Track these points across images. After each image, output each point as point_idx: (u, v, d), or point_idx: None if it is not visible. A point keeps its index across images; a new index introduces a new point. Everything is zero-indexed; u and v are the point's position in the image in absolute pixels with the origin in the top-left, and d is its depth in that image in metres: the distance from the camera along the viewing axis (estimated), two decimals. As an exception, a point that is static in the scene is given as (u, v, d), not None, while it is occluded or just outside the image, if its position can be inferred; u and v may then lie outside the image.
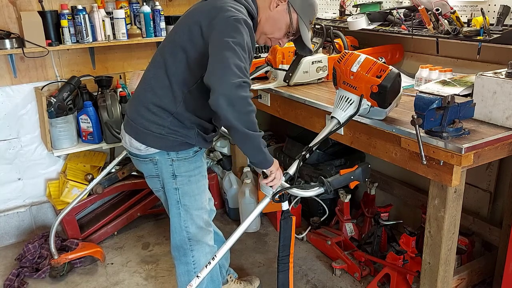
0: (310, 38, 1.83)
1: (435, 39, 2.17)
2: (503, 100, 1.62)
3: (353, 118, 1.74)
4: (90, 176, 2.79)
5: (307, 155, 1.72)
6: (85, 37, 2.71)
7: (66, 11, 2.65)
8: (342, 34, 2.58)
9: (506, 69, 1.65)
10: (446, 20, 2.08)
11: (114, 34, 2.84)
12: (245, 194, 2.88)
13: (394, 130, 1.69)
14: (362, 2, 2.72)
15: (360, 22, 2.51)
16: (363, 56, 1.70)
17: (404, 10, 2.40)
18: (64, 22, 2.64)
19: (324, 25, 2.61)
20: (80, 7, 2.68)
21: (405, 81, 2.06)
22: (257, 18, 1.73)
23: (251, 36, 1.59)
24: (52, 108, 2.65)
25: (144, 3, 2.91)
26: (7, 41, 2.55)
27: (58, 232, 2.73)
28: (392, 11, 2.47)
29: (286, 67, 2.35)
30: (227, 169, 3.13)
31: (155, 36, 2.91)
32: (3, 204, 2.94)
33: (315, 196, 1.58)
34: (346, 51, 1.79)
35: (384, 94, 1.63)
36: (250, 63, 1.63)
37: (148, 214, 3.15)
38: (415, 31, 2.25)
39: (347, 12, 2.83)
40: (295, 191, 1.58)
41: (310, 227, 2.87)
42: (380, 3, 2.62)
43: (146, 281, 2.56)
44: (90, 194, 2.79)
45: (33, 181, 3.00)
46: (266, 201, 1.64)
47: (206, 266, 1.60)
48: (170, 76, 1.65)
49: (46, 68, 2.85)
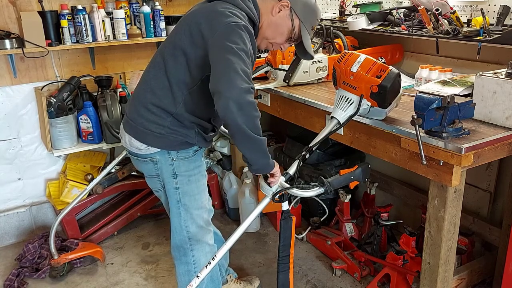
0: (310, 39, 1.83)
1: (435, 39, 2.17)
2: (503, 100, 1.62)
3: (353, 118, 1.74)
4: (90, 176, 2.79)
5: (307, 155, 1.72)
6: (85, 37, 2.71)
7: (66, 11, 2.65)
8: (342, 34, 2.58)
9: (506, 69, 1.65)
10: (446, 20, 2.08)
11: (114, 34, 2.83)
12: (245, 194, 2.88)
13: (394, 130, 1.69)
14: (362, 2, 2.72)
15: (360, 22, 2.51)
16: (363, 56, 1.70)
17: (404, 10, 2.40)
18: (64, 22, 2.64)
19: (324, 25, 2.61)
20: (80, 7, 2.68)
21: (405, 81, 2.06)
22: (259, 24, 1.72)
23: (252, 42, 1.59)
24: (52, 108, 2.65)
25: (144, 3, 2.91)
26: (7, 41, 2.55)
27: (58, 232, 2.73)
28: (392, 11, 2.47)
29: (286, 67, 2.35)
30: (227, 169, 3.13)
31: (155, 36, 2.91)
32: (3, 204, 2.95)
33: (315, 196, 1.58)
34: (346, 51, 1.79)
35: (384, 94, 1.63)
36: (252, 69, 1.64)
37: (148, 214, 3.15)
38: (415, 31, 2.25)
39: (347, 12, 2.83)
40: (295, 191, 1.57)
41: (310, 227, 2.87)
42: (380, 3, 2.62)
43: (146, 281, 2.56)
44: (90, 194, 2.79)
45: (33, 181, 3.00)
46: (266, 201, 1.64)
47: (206, 266, 1.60)
48: (170, 77, 1.65)
49: (46, 68, 2.85)
